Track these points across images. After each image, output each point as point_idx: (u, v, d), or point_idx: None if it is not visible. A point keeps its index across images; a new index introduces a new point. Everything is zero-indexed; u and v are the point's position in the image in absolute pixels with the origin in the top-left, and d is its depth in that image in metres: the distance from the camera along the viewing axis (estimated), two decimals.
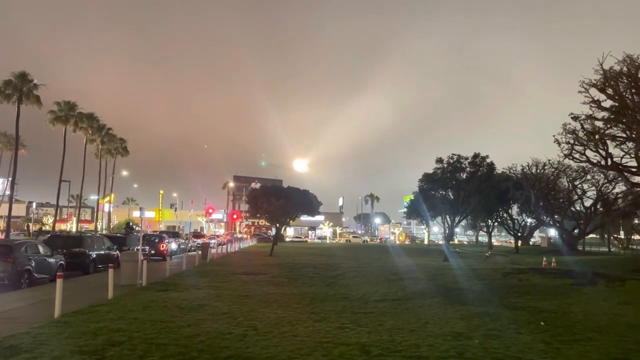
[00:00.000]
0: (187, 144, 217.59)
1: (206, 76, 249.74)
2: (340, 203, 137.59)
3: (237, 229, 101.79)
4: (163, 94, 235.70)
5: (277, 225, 49.58)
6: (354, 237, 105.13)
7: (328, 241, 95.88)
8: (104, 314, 10.76)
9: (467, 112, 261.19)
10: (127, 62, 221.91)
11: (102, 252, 23.09)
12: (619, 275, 20.89)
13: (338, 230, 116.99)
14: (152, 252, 31.07)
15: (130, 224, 54.13)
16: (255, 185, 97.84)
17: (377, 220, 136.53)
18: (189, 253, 36.83)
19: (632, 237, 77.58)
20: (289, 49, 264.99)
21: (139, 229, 31.24)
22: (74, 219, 76.21)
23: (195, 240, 49.86)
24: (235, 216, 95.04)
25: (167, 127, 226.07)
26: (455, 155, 40.80)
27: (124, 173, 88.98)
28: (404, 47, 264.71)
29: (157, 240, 33.88)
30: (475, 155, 40.60)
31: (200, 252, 31.63)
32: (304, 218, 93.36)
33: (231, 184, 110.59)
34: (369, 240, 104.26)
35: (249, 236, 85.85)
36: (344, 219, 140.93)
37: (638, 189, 42.17)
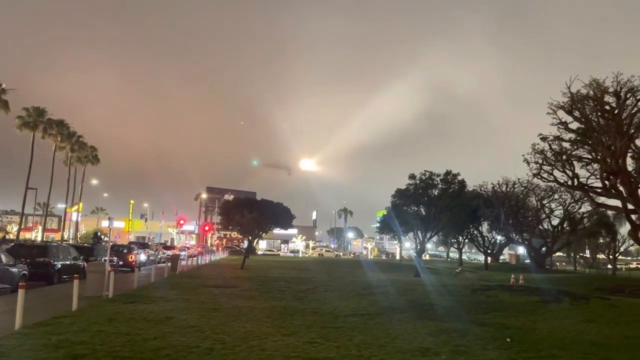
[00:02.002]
0: (162, 154, 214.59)
1: (187, 86, 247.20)
2: (314, 217, 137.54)
3: (209, 241, 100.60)
4: (141, 103, 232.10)
5: (250, 237, 49.22)
6: (326, 251, 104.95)
7: (300, 255, 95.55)
8: (66, 326, 10.47)
9: (441, 130, 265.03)
10: (103, 70, 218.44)
11: (68, 263, 22.49)
12: (583, 293, 21.41)
13: (311, 244, 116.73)
14: (121, 263, 30.46)
15: (99, 234, 52.94)
16: (229, 197, 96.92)
17: (350, 234, 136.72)
18: (159, 264, 36.26)
19: (597, 256, 79.69)
20: (280, 61, 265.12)
21: (108, 239, 30.62)
22: (40, 227, 74.13)
23: (165, 251, 49.06)
24: (207, 228, 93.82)
25: (143, 137, 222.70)
26: (428, 172, 41.39)
27: (94, 182, 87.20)
28: (383, 66, 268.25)
29: (125, 251, 33.21)
30: (447, 173, 41.24)
31: (169, 263, 31.14)
32: (277, 231, 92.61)
33: (204, 195, 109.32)
34: (341, 254, 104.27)
35: (220, 248, 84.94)
36: (317, 233, 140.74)
37: (603, 209, 43.48)
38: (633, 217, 32.35)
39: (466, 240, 70.89)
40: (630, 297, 23.67)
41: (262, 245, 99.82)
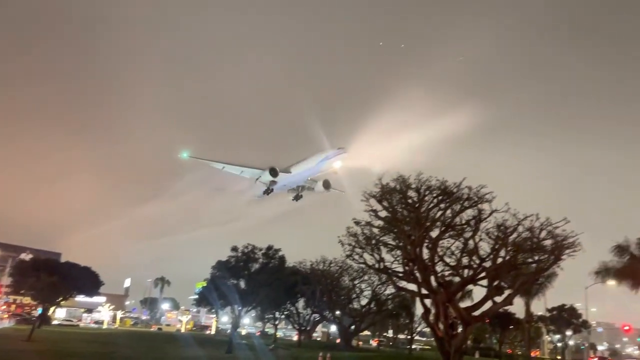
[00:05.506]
0: None
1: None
2: (127, 284, 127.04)
3: None
4: None
5: (46, 304, 43.33)
6: (167, 325, 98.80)
7: (105, 326, 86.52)
8: None
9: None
10: None
11: None
12: None
13: (119, 314, 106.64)
14: None
15: None
16: (26, 256, 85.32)
17: (166, 305, 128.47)
18: None
19: (398, 335, 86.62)
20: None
21: None
22: None
23: None
24: None
25: None
26: (250, 245, 41.88)
27: None
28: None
29: None
30: (269, 247, 42.21)
31: None
32: (81, 299, 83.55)
33: None
34: (183, 328, 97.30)
35: (7, 316, 72.94)
36: (128, 302, 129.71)
37: (403, 292, 48.00)
38: (426, 301, 36.18)
39: (282, 317, 71.72)
40: None
41: (60, 314, 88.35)
